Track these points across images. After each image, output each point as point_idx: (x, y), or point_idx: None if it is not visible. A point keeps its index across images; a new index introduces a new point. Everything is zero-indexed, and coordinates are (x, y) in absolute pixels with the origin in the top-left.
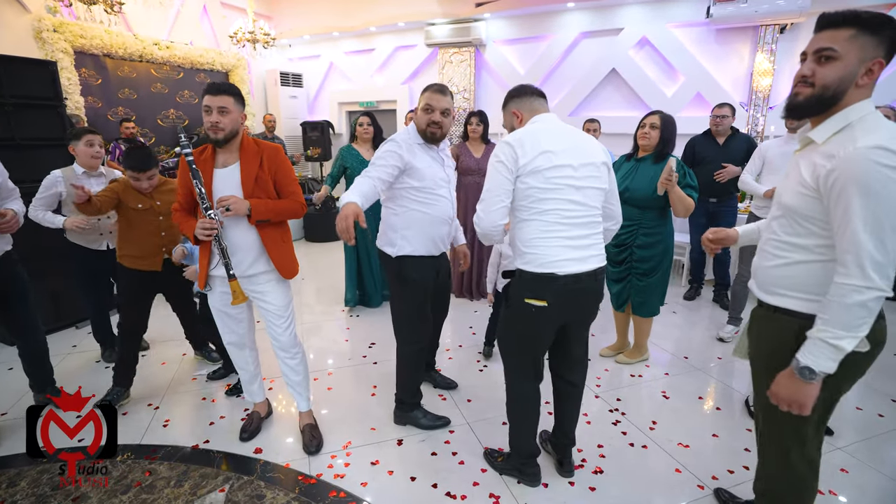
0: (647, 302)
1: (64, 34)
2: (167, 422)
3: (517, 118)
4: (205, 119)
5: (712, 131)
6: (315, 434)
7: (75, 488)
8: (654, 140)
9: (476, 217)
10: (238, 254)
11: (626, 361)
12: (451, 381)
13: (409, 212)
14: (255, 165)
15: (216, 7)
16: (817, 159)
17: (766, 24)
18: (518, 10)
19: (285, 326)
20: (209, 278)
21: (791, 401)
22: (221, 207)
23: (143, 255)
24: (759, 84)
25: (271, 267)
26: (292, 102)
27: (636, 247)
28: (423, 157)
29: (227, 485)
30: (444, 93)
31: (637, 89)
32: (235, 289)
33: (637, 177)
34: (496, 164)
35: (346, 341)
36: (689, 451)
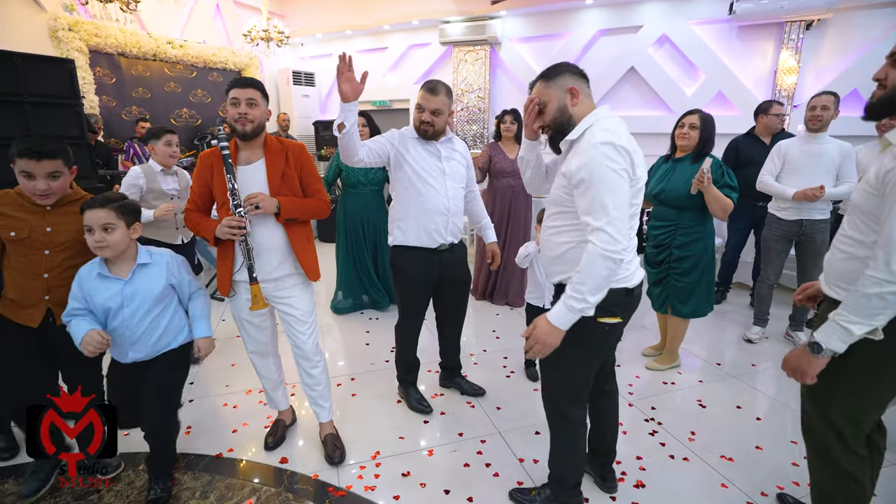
0: (687, 302)
1: (79, 33)
2: (189, 429)
3: (573, 97)
4: (231, 112)
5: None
6: (338, 444)
7: (98, 497)
8: (694, 140)
9: (603, 240)
10: (264, 255)
11: (657, 368)
12: (478, 388)
13: (402, 203)
14: (282, 162)
15: (229, 5)
16: (886, 160)
17: (791, 20)
18: (535, 7)
19: (309, 333)
20: (233, 283)
21: (796, 367)
22: (250, 205)
23: (19, 303)
24: (784, 82)
25: (298, 269)
26: (304, 101)
27: (675, 247)
28: (417, 150)
29: (253, 496)
30: (435, 92)
31: (656, 88)
32: (257, 293)
33: (674, 177)
34: (619, 172)
35: (366, 345)
36: (733, 465)
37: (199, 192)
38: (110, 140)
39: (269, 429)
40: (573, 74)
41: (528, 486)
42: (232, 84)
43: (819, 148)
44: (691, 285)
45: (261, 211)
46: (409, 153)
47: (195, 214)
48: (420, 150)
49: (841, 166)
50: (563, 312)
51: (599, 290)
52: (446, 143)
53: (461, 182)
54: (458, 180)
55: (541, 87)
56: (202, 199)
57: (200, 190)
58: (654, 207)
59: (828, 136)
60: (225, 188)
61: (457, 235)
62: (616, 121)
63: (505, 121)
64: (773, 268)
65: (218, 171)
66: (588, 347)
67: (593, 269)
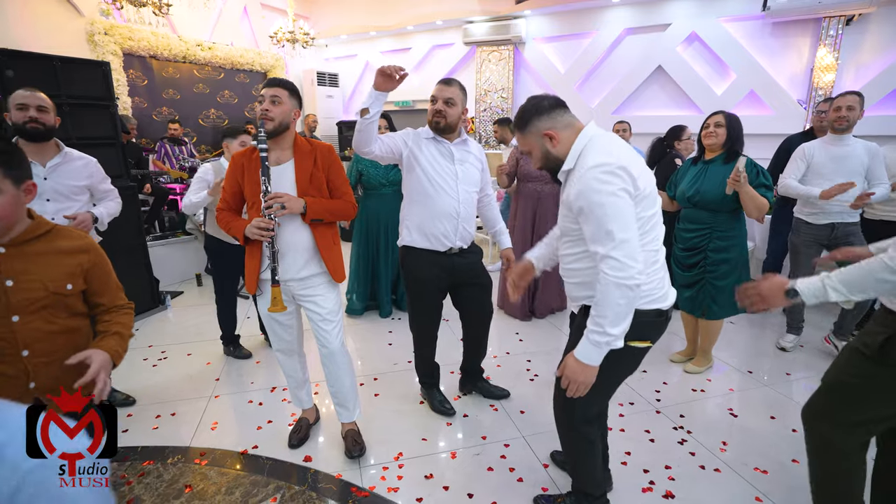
0: (724, 304)
1: (114, 36)
2: (215, 424)
3: (551, 140)
4: (257, 109)
5: (815, 129)
6: (358, 440)
7: (129, 489)
8: (722, 138)
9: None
10: (291, 254)
11: (696, 370)
12: (502, 391)
13: (413, 204)
14: (310, 163)
15: (256, 8)
16: None
17: (830, 15)
18: (560, 6)
19: (336, 332)
20: (259, 282)
21: (765, 295)
22: (276, 204)
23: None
24: (821, 80)
25: (323, 269)
26: (328, 102)
27: (710, 251)
28: (430, 151)
29: (278, 494)
30: (449, 84)
31: (684, 87)
32: (276, 295)
33: (706, 179)
34: (617, 193)
35: (389, 345)
36: (768, 478)
37: (230, 192)
38: (142, 140)
39: (292, 427)
40: (542, 114)
41: (553, 494)
42: (263, 84)
43: (845, 150)
44: (729, 287)
45: (287, 211)
46: (422, 154)
47: (226, 214)
48: (433, 151)
49: (870, 168)
50: (589, 349)
51: (622, 320)
52: (460, 145)
53: (474, 186)
54: (471, 184)
55: (520, 138)
56: (234, 198)
57: (232, 190)
58: (685, 210)
59: (852, 136)
60: (255, 189)
61: (467, 240)
62: (607, 138)
63: None
64: (803, 274)
65: (249, 171)
66: (615, 371)
67: (609, 301)
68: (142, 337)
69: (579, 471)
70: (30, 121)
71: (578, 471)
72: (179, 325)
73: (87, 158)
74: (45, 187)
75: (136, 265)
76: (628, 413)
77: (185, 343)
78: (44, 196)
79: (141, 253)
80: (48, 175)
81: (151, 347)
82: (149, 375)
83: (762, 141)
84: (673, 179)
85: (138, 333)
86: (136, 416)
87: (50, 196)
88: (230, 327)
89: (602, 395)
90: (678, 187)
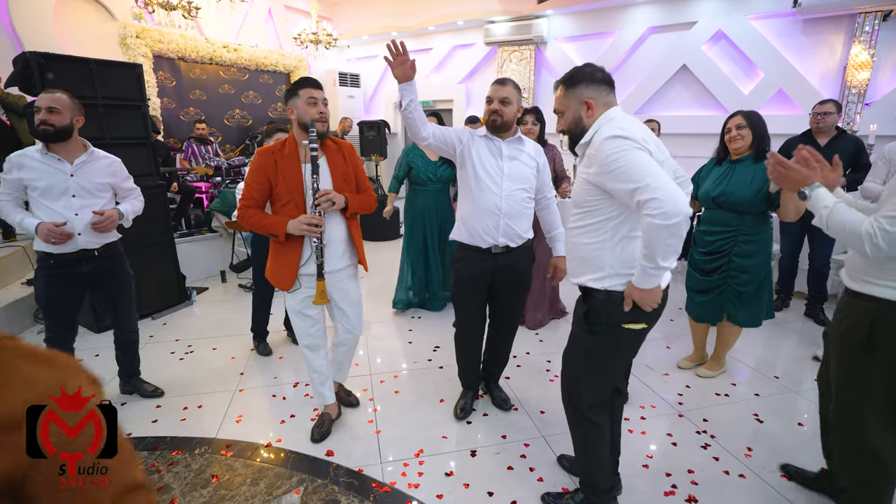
0: (748, 310)
1: (145, 39)
2: (240, 417)
3: (588, 109)
4: (310, 111)
5: (813, 131)
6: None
7: (159, 477)
8: (748, 139)
9: (656, 207)
10: (330, 248)
11: (709, 375)
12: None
13: (462, 199)
14: (341, 160)
15: (280, 10)
16: None
17: (865, 11)
18: (582, 5)
19: (359, 319)
20: (299, 277)
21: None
22: (327, 202)
23: None
24: (854, 78)
25: (354, 260)
26: (350, 102)
27: (735, 255)
28: (481, 148)
29: (301, 486)
30: (503, 83)
31: (710, 87)
32: (322, 289)
33: (734, 179)
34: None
35: (409, 343)
36: (795, 485)
37: (259, 189)
38: (169, 140)
39: (315, 422)
40: (591, 83)
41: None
42: (303, 83)
43: None
44: (752, 293)
45: (336, 207)
46: (474, 151)
47: (255, 211)
48: (483, 148)
49: None
50: (643, 278)
51: (673, 254)
52: (513, 143)
53: (524, 184)
54: (520, 181)
55: (560, 95)
56: (262, 195)
57: (260, 186)
58: (706, 211)
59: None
60: (290, 186)
61: (514, 239)
62: (627, 119)
63: (525, 122)
64: None
65: (283, 168)
66: (613, 353)
67: (657, 242)
68: (169, 331)
69: (589, 459)
70: (41, 123)
71: (588, 459)
72: (205, 320)
73: (112, 158)
74: (71, 184)
75: (164, 261)
76: (650, 416)
77: (210, 338)
78: (70, 192)
79: (169, 249)
80: (75, 172)
81: (178, 341)
82: (176, 368)
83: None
84: (695, 179)
85: (165, 327)
86: (164, 408)
87: (76, 192)
88: (264, 322)
89: (604, 380)
90: (700, 187)
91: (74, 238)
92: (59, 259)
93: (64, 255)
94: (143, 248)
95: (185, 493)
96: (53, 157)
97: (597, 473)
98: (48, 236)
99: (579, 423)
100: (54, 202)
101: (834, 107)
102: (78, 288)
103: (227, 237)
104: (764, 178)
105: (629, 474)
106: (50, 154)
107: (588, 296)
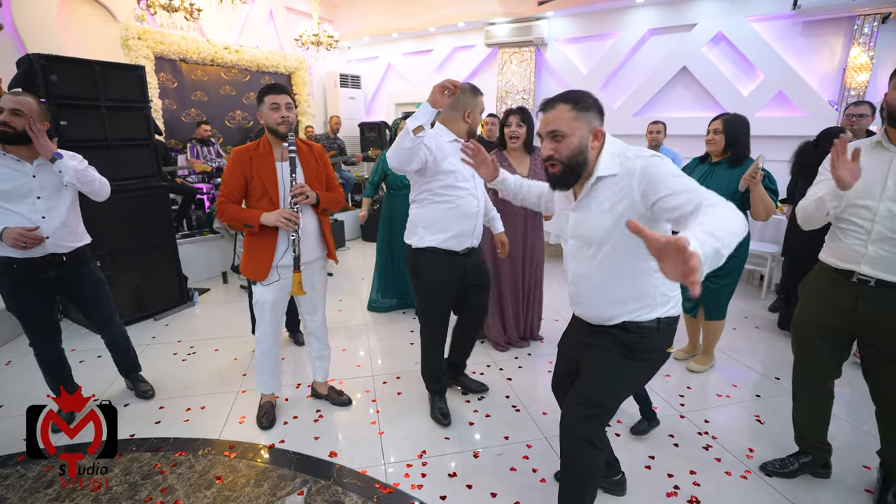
0: (719, 304)
1: (147, 41)
2: (243, 419)
3: (594, 140)
4: (273, 116)
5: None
6: (341, 392)
7: (163, 478)
8: (720, 144)
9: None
10: (304, 240)
11: (699, 369)
12: (481, 386)
13: (433, 204)
14: (312, 159)
15: (281, 11)
16: None
17: (864, 13)
18: (583, 7)
19: (323, 303)
20: (274, 269)
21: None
22: (301, 195)
23: None
24: (854, 80)
25: (324, 252)
26: (351, 103)
27: None
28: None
29: (304, 488)
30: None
31: (710, 89)
32: (299, 280)
33: (713, 181)
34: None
35: (411, 345)
36: (797, 486)
37: (236, 185)
38: (171, 141)
39: (260, 411)
40: (599, 113)
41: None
42: (267, 90)
43: None
44: (724, 287)
45: (309, 201)
46: (443, 155)
47: (232, 206)
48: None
49: None
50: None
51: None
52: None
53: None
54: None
55: (568, 116)
56: (239, 191)
57: (238, 182)
58: None
59: None
60: (265, 181)
61: (478, 237)
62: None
63: (510, 123)
64: None
65: (259, 165)
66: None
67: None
68: (171, 332)
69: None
70: (1, 123)
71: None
72: (207, 321)
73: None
74: (34, 185)
75: (166, 262)
76: None
77: (212, 339)
78: (34, 193)
79: (171, 250)
80: (37, 172)
81: (180, 342)
82: (178, 369)
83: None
84: None
85: (167, 328)
86: (167, 409)
87: (40, 193)
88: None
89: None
90: None
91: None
92: (22, 264)
93: (28, 259)
94: (145, 250)
95: (189, 495)
96: (11, 158)
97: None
98: (18, 241)
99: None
100: (18, 205)
101: (869, 109)
102: (45, 293)
103: (229, 238)
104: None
105: (631, 475)
106: (7, 156)
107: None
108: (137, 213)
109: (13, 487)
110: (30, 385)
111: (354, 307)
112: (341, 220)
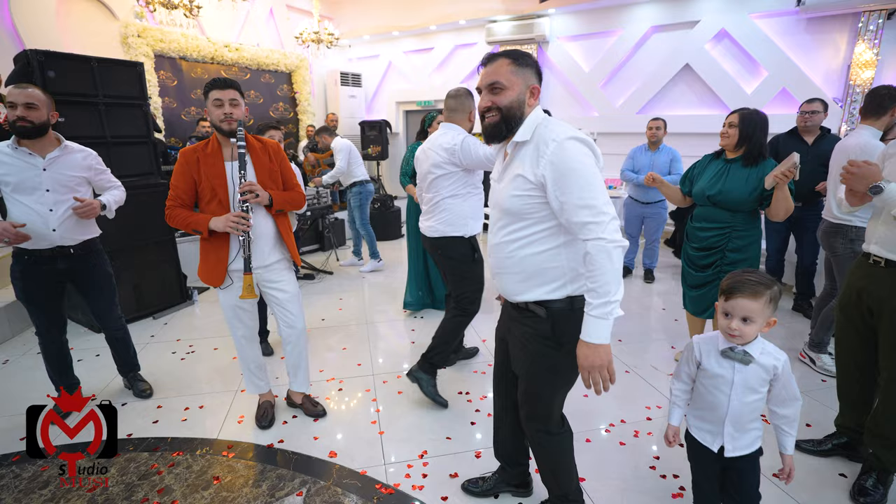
0: None
1: (146, 39)
2: (241, 418)
3: (531, 97)
4: (216, 112)
5: (800, 129)
6: (315, 401)
7: (160, 478)
8: (734, 139)
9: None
10: (259, 242)
11: None
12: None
13: (473, 197)
14: (266, 159)
15: (282, 9)
16: None
17: (869, 9)
18: (585, 4)
19: (301, 313)
20: (229, 273)
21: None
22: (250, 193)
23: None
24: (858, 77)
25: (285, 254)
26: (351, 102)
27: (729, 250)
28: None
29: (303, 488)
30: None
31: (713, 86)
32: (249, 283)
33: (730, 179)
34: (594, 165)
35: (412, 343)
36: (803, 486)
37: (184, 189)
38: (171, 139)
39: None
40: (537, 74)
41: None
42: (211, 85)
43: None
44: None
45: (259, 199)
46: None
47: (179, 210)
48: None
49: None
50: (599, 325)
51: (620, 282)
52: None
53: None
54: None
55: (507, 69)
56: (188, 194)
57: (185, 185)
58: (699, 208)
59: None
60: (213, 183)
61: None
62: (560, 122)
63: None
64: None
65: (206, 166)
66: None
67: (610, 267)
68: (170, 330)
69: (563, 474)
70: (18, 119)
71: (562, 475)
72: (206, 319)
73: (88, 151)
74: (44, 178)
75: (165, 260)
76: (656, 417)
77: (211, 338)
78: (43, 187)
79: (170, 248)
80: (47, 166)
81: (179, 341)
82: (177, 368)
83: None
84: (689, 174)
85: (166, 327)
86: (165, 408)
87: (49, 187)
88: (264, 322)
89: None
90: (696, 184)
91: (49, 234)
92: (33, 255)
93: (38, 251)
94: (144, 248)
95: (187, 495)
96: (24, 151)
97: (569, 483)
98: (1, 236)
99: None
100: (27, 197)
101: (821, 106)
102: (55, 283)
103: None
104: (759, 180)
105: (637, 476)
106: (21, 149)
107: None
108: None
109: (8, 488)
110: (26, 385)
111: (354, 306)
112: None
